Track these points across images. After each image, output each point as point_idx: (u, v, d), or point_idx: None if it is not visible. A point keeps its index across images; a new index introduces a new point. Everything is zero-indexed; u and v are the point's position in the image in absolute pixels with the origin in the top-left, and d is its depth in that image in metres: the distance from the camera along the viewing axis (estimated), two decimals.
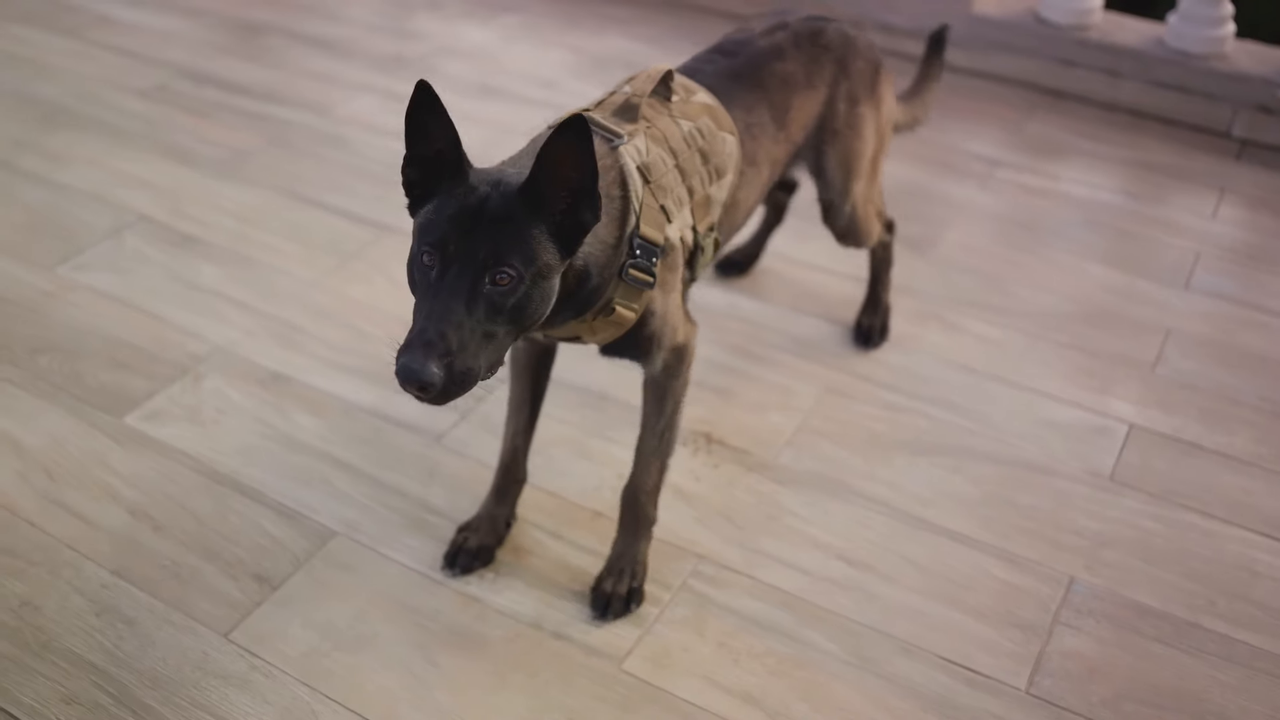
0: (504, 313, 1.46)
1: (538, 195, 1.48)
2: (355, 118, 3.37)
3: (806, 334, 2.53)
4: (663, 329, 1.75)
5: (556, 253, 1.50)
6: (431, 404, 1.47)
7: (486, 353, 1.46)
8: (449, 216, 1.47)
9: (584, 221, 1.51)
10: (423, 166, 1.53)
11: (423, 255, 1.47)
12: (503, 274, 1.44)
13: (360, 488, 2.14)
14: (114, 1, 4.13)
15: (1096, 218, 2.98)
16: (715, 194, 1.83)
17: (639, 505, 1.93)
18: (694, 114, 1.81)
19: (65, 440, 2.23)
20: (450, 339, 1.41)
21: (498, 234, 1.45)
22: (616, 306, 1.65)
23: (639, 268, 1.65)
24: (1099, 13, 3.52)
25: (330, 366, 2.42)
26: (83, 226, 2.86)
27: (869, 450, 2.24)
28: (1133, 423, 2.32)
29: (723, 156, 1.84)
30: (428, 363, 1.40)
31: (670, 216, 1.71)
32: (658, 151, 1.73)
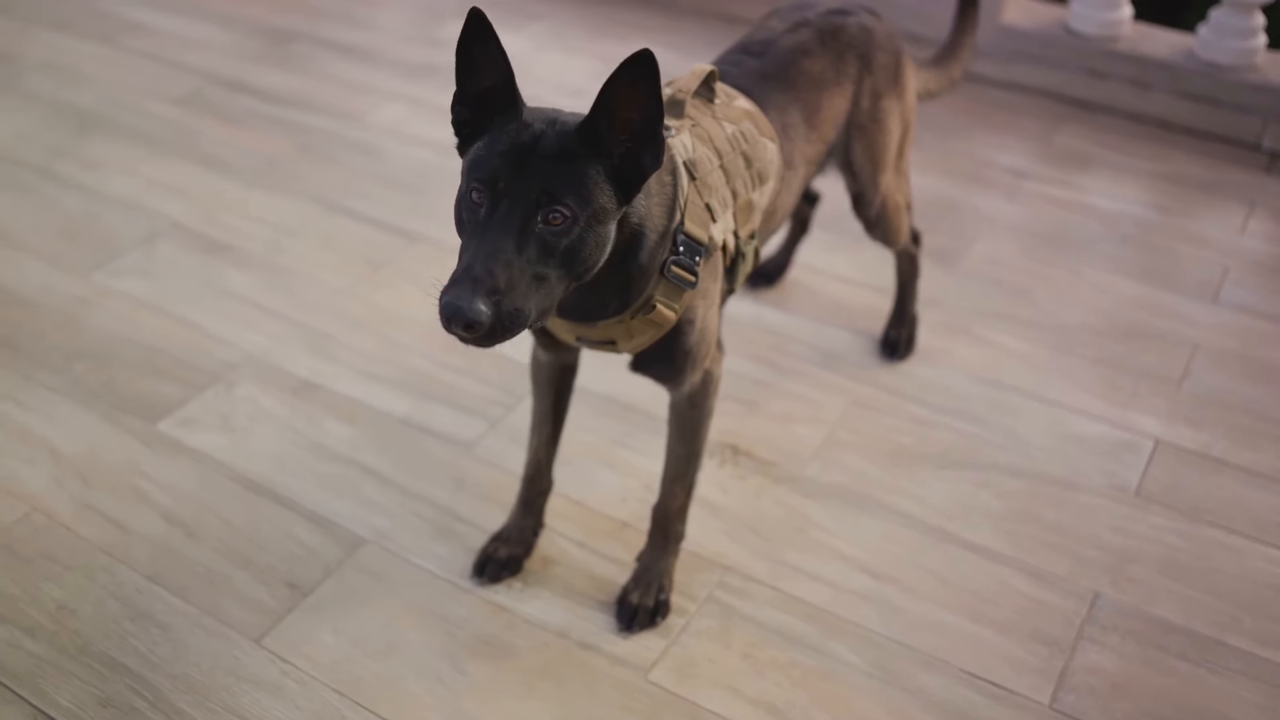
0: (556, 254, 1.38)
1: (596, 134, 1.41)
2: (385, 126, 3.40)
3: (833, 346, 2.55)
4: (699, 345, 1.72)
5: (613, 197, 1.43)
6: (476, 345, 1.37)
7: (536, 297, 1.38)
8: (500, 152, 1.40)
9: (644, 166, 1.43)
10: (473, 103, 1.46)
11: (471, 193, 1.41)
12: (555, 213, 1.38)
13: (390, 496, 2.16)
14: (146, 8, 4.18)
15: (1124, 231, 2.98)
16: (757, 200, 1.81)
17: (668, 522, 1.95)
18: (736, 118, 1.78)
19: (100, 446, 2.26)
20: (498, 276, 1.33)
21: (551, 171, 1.38)
22: (657, 304, 1.60)
23: (682, 265, 1.60)
24: (1128, 24, 3.52)
25: (360, 375, 2.45)
26: (117, 233, 2.90)
27: (895, 463, 2.25)
28: (1159, 438, 2.32)
29: (765, 162, 1.81)
30: (474, 300, 1.31)
31: (715, 216, 1.68)
32: (703, 150, 1.69)
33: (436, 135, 3.34)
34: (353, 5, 4.22)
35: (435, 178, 3.14)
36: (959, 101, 3.55)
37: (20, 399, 2.37)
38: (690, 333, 1.70)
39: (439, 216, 2.96)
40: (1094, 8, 3.48)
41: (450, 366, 2.47)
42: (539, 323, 1.43)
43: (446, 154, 3.25)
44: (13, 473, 2.19)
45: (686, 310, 1.67)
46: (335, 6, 4.21)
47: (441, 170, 3.17)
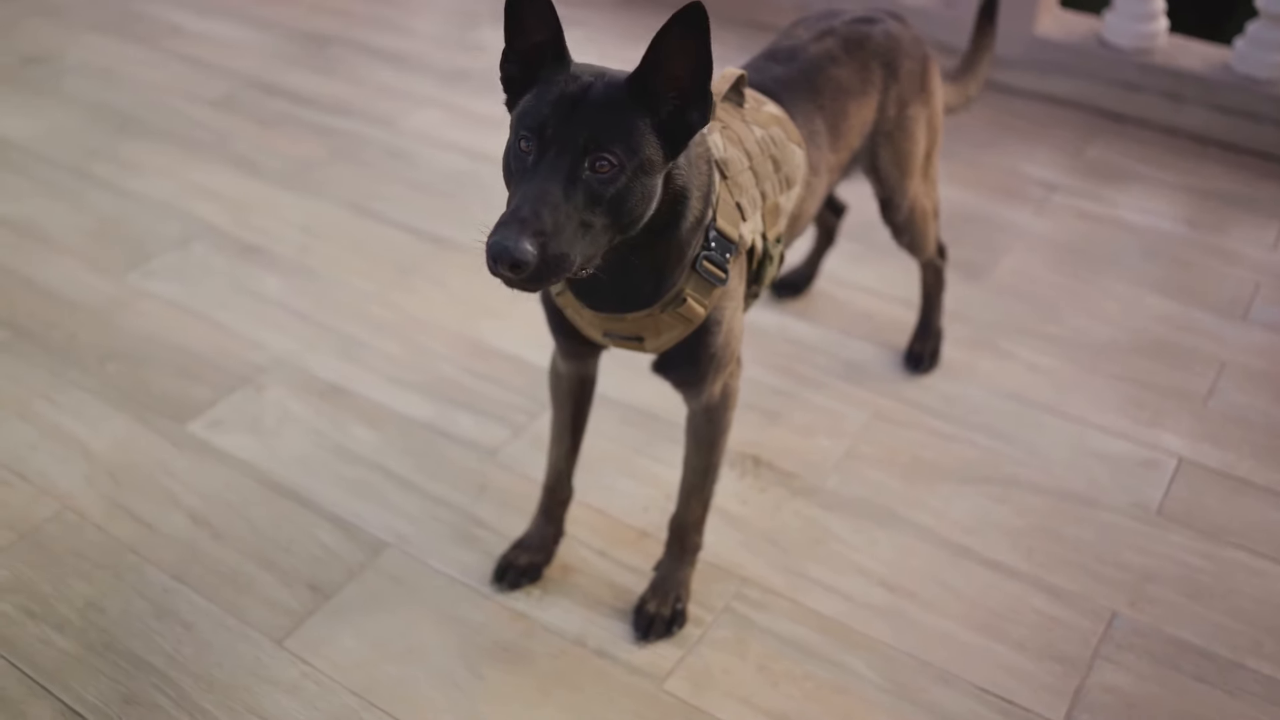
0: (603, 203, 1.39)
1: (645, 88, 1.42)
2: (418, 131, 3.43)
3: (857, 358, 2.55)
4: (724, 349, 1.73)
5: (660, 150, 1.43)
6: (521, 288, 1.37)
7: (582, 244, 1.39)
8: (549, 101, 1.41)
9: (691, 122, 1.44)
10: (522, 60, 1.48)
11: (520, 141, 1.41)
12: (603, 160, 1.38)
13: (413, 500, 2.19)
14: (185, 11, 4.24)
15: (1154, 246, 2.97)
16: (784, 204, 1.82)
17: (685, 534, 1.97)
18: (765, 122, 1.80)
19: (130, 446, 2.30)
20: (545, 219, 1.34)
21: (600, 119, 1.39)
22: (688, 297, 1.61)
23: (713, 260, 1.61)
24: (1163, 36, 3.50)
25: (387, 380, 2.47)
26: (152, 235, 2.94)
27: (915, 477, 2.25)
28: (1182, 456, 2.31)
29: (792, 166, 1.82)
30: (521, 240, 1.31)
31: (744, 215, 1.69)
32: (734, 151, 1.70)
33: (468, 141, 3.37)
34: (389, 10, 4.26)
35: (466, 183, 3.16)
36: (991, 113, 3.54)
37: (54, 398, 2.41)
38: (717, 334, 1.70)
39: (468, 222, 2.99)
40: (1128, 20, 3.46)
41: (475, 372, 2.49)
42: (584, 271, 1.43)
43: (478, 160, 3.27)
44: (46, 471, 2.23)
45: (714, 309, 1.68)
46: (371, 11, 4.25)
47: (473, 175, 3.20)
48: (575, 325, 1.75)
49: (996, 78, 3.69)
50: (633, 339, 1.69)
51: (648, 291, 1.61)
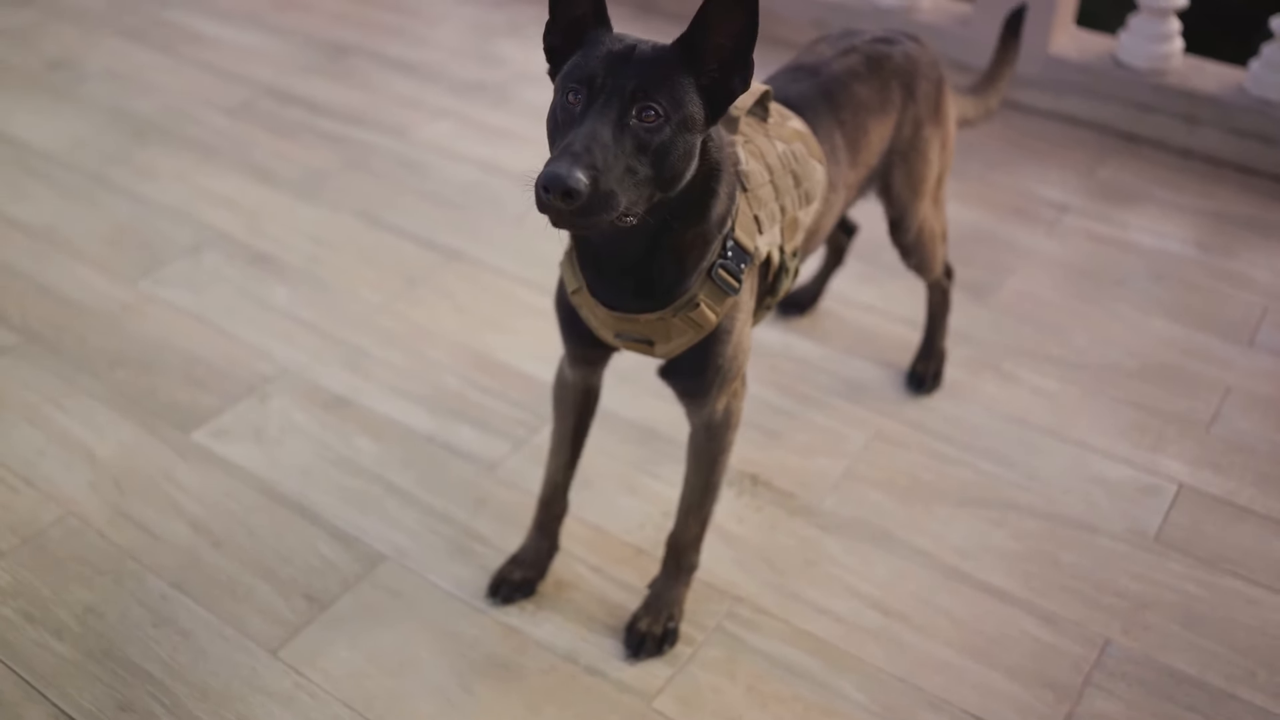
0: (648, 151, 1.43)
1: (691, 50, 1.48)
2: (432, 142, 3.45)
3: (860, 377, 2.55)
4: (731, 361, 1.74)
5: (701, 110, 1.48)
6: (569, 223, 1.39)
7: (628, 189, 1.42)
8: (598, 57, 1.46)
9: (733, 87, 1.50)
10: (564, 32, 1.54)
11: (568, 94, 1.46)
12: (649, 109, 1.42)
13: (412, 513, 2.20)
14: (207, 18, 4.28)
15: (1164, 269, 2.96)
16: (803, 218, 1.84)
17: (681, 552, 1.98)
18: (788, 137, 1.82)
19: (135, 453, 2.33)
20: (596, 155, 1.38)
21: (647, 72, 1.44)
22: (701, 303, 1.64)
23: (728, 269, 1.65)
24: (1178, 57, 3.48)
25: (392, 391, 2.49)
26: (164, 241, 2.97)
27: (913, 499, 2.25)
28: (1183, 483, 2.31)
29: (813, 182, 1.85)
30: (575, 169, 1.35)
31: (762, 228, 1.72)
32: (755, 164, 1.73)
33: (481, 152, 3.39)
34: (408, 20, 4.29)
35: (478, 195, 3.18)
36: (1004, 131, 3.54)
37: (63, 403, 2.44)
38: (727, 343, 1.72)
39: (479, 234, 3.01)
40: (1143, 40, 3.45)
41: (478, 385, 2.51)
42: (625, 219, 1.45)
43: (490, 172, 3.29)
44: (51, 476, 2.26)
45: (725, 319, 1.70)
46: (391, 21, 4.28)
47: (485, 187, 3.22)
48: (589, 326, 1.76)
49: (1011, 96, 3.69)
50: (643, 342, 1.71)
51: (664, 287, 1.63)
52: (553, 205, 1.36)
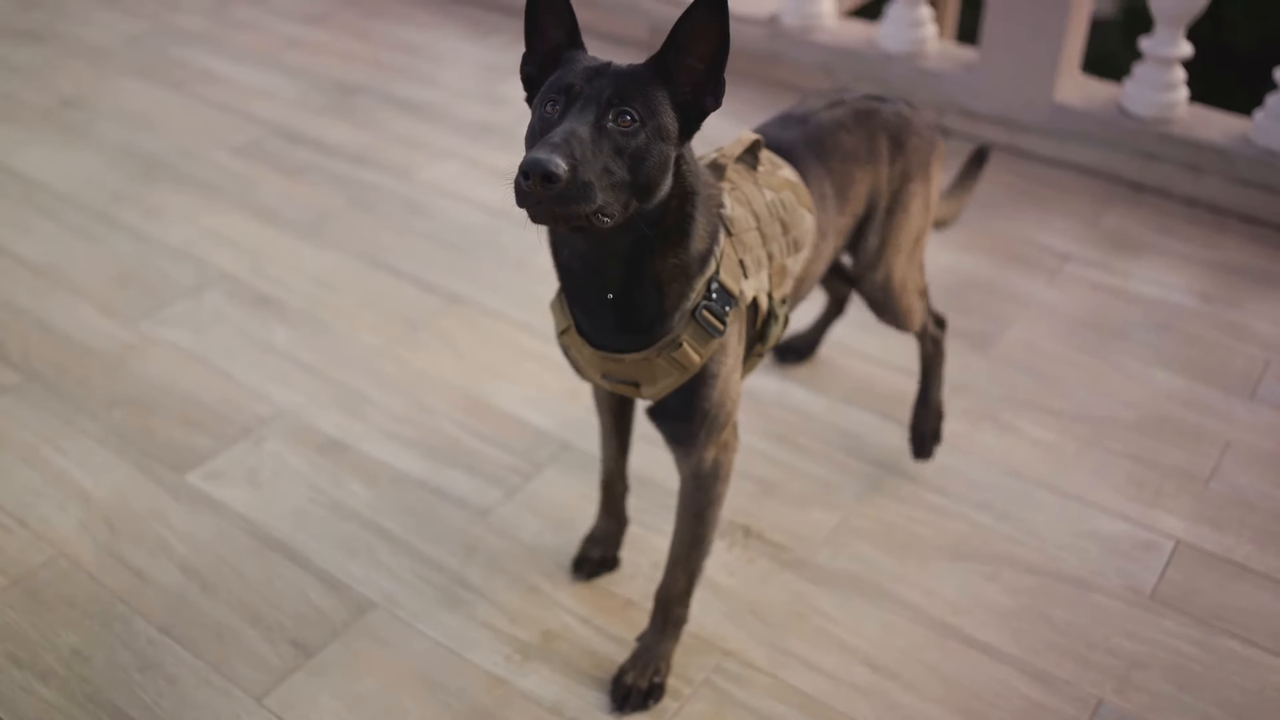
0: (624, 155, 1.47)
1: (666, 68, 1.53)
2: (437, 184, 3.47)
3: (855, 428, 2.54)
4: (718, 406, 1.75)
5: (675, 123, 1.53)
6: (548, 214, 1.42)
7: (604, 188, 1.44)
8: (576, 71, 1.52)
9: (705, 105, 1.55)
10: (540, 62, 1.60)
11: (547, 104, 1.51)
12: (625, 114, 1.47)
13: (402, 560, 2.20)
14: (219, 56, 4.32)
15: (1166, 320, 2.94)
16: (791, 266, 1.86)
17: (669, 605, 1.96)
18: (777, 186, 1.85)
19: (129, 494, 2.33)
20: (575, 148, 1.41)
21: (623, 81, 1.49)
22: (684, 343, 1.66)
23: (713, 311, 1.67)
24: (1183, 106, 3.48)
25: (387, 436, 2.49)
26: (168, 281, 2.99)
27: (907, 553, 2.24)
28: (1180, 539, 2.28)
29: (801, 231, 1.87)
30: (555, 155, 1.38)
31: (746, 272, 1.74)
32: (741, 211, 1.76)
33: (486, 195, 3.40)
34: (417, 61, 4.32)
35: (481, 238, 3.19)
36: (1008, 178, 3.54)
37: (60, 444, 2.45)
38: (713, 386, 1.72)
39: (480, 278, 3.02)
40: (1148, 89, 3.45)
41: (474, 431, 2.50)
42: (601, 219, 1.46)
43: (495, 215, 3.31)
44: (45, 516, 2.27)
45: (711, 362, 1.71)
46: (401, 61, 4.31)
47: (488, 230, 3.23)
48: (577, 362, 1.79)
49: (1015, 143, 3.69)
50: (629, 384, 1.72)
51: (646, 321, 1.65)
52: (532, 192, 1.39)
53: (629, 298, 1.63)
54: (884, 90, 3.83)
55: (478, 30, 4.60)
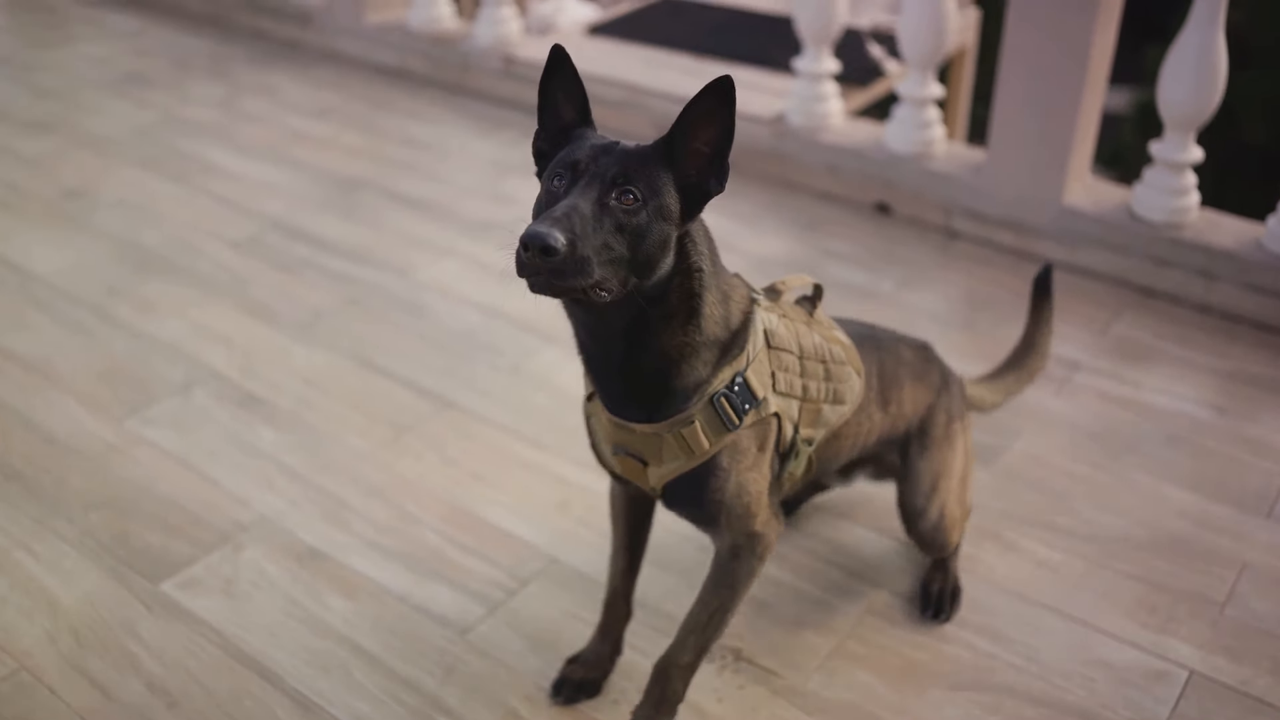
0: (625, 231, 1.50)
1: (672, 149, 1.57)
2: (435, 283, 3.43)
3: (857, 547, 2.45)
4: (736, 500, 1.74)
5: (678, 203, 1.56)
6: (545, 286, 1.47)
7: (603, 263, 1.48)
8: (584, 149, 1.57)
9: (709, 189, 1.59)
10: (552, 140, 1.66)
11: (553, 180, 1.56)
12: (628, 193, 1.50)
13: (377, 679, 2.11)
14: (224, 150, 4.33)
15: (1178, 432, 2.85)
16: (828, 413, 1.87)
17: (668, 679, 1.90)
18: (828, 337, 1.89)
19: (99, 603, 2.25)
20: (575, 224, 1.45)
21: (628, 161, 1.54)
22: (695, 421, 1.67)
23: (730, 402, 1.69)
24: (1194, 210, 3.43)
25: (369, 547, 2.41)
26: (157, 379, 2.94)
27: (904, 681, 2.13)
28: (1194, 669, 2.17)
29: (845, 386, 1.89)
30: (554, 229, 1.42)
31: (777, 386, 1.76)
32: (786, 333, 1.80)
33: (484, 295, 3.36)
34: (423, 156, 4.31)
35: (476, 340, 3.14)
36: (1015, 283, 3.48)
37: (33, 548, 2.38)
38: (724, 480, 1.72)
39: (474, 382, 2.96)
40: (1159, 193, 3.40)
41: (458, 543, 2.42)
42: (599, 293, 1.50)
43: (491, 315, 3.26)
44: (10, 625, 2.19)
45: (722, 455, 1.71)
46: (406, 156, 4.31)
47: (484, 331, 3.18)
48: (595, 440, 1.82)
49: (1023, 246, 3.64)
50: (637, 460, 1.73)
51: (655, 395, 1.67)
52: (530, 263, 1.43)
53: (636, 370, 1.65)
54: (891, 192, 3.82)
55: (485, 126, 4.60)
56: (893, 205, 3.86)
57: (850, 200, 3.94)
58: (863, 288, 3.44)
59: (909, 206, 3.83)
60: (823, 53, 3.90)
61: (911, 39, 3.68)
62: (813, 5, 3.80)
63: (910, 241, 3.73)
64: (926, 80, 3.75)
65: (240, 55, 5.40)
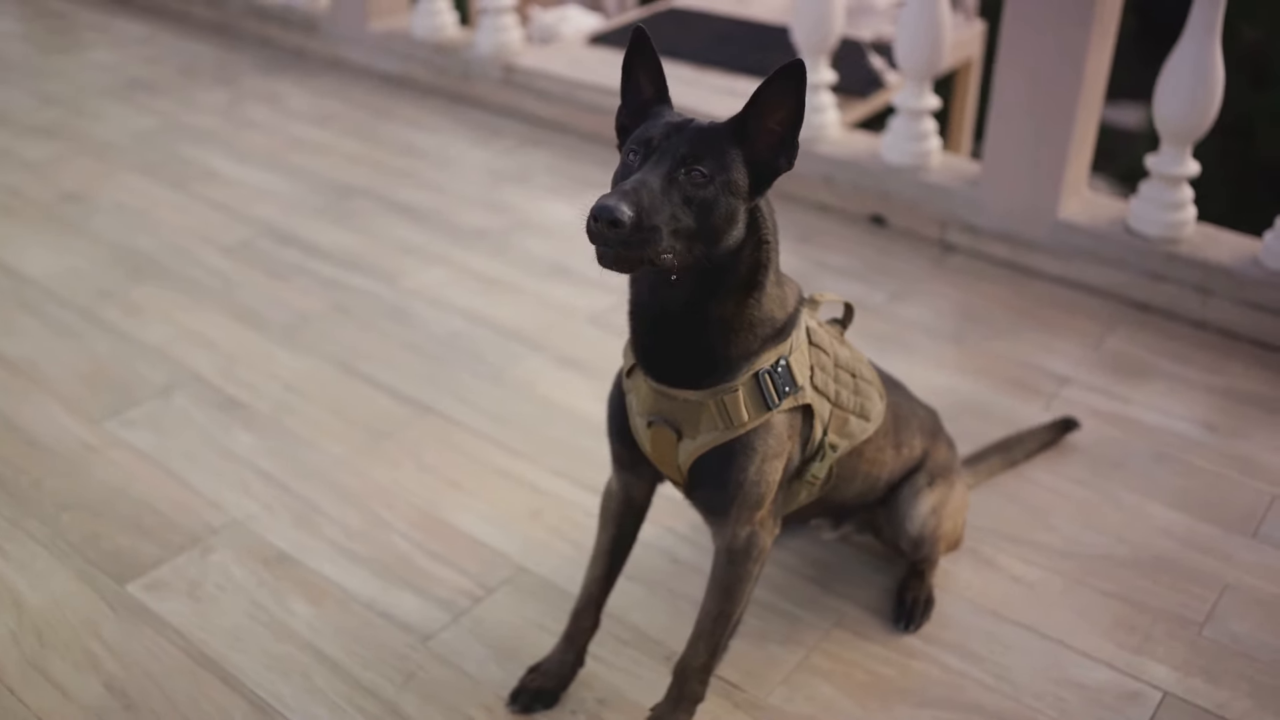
0: (693, 204, 1.56)
1: (744, 130, 1.63)
2: (422, 290, 3.42)
3: (828, 558, 2.42)
4: (753, 484, 1.78)
5: (746, 178, 1.62)
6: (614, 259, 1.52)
7: (668, 234, 1.54)
8: (658, 126, 1.63)
9: (779, 165, 1.64)
10: (633, 114, 1.72)
11: (629, 154, 1.63)
12: (696, 171, 1.56)
13: (336, 685, 2.09)
14: (224, 156, 4.34)
15: (1167, 449, 2.80)
16: (854, 426, 1.92)
17: (686, 680, 1.94)
18: (857, 356, 1.98)
19: (65, 603, 2.24)
20: (643, 197, 1.52)
21: (698, 139, 1.60)
22: (740, 389, 1.72)
23: (774, 380, 1.74)
24: (1191, 225, 3.38)
25: (338, 552, 2.40)
26: (139, 381, 2.94)
27: (869, 697, 2.10)
28: (1168, 691, 2.13)
29: (870, 402, 1.96)
30: (622, 203, 1.49)
31: (814, 381, 1.82)
32: (825, 338, 1.88)
33: (470, 302, 3.34)
34: (420, 164, 4.31)
35: (459, 347, 3.12)
36: (1009, 297, 3.44)
37: (4, 548, 2.38)
38: (752, 459, 1.76)
39: (455, 389, 2.94)
40: (1155, 207, 3.36)
41: (427, 549, 2.40)
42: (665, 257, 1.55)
43: (476, 322, 3.24)
44: None
45: (754, 435, 1.75)
46: (405, 165, 4.30)
47: (468, 338, 3.16)
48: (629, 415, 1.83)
49: (1018, 260, 3.60)
50: (673, 428, 1.76)
51: (709, 360, 1.72)
52: (600, 233, 1.50)
53: (692, 335, 1.70)
54: (886, 204, 3.79)
55: (483, 135, 4.60)
56: (888, 218, 3.83)
57: (846, 212, 3.91)
58: (854, 300, 3.38)
59: (904, 219, 3.79)
60: (819, 63, 3.88)
61: (908, 50, 3.65)
62: (810, 16, 3.78)
63: (905, 254, 3.70)
64: (923, 92, 3.72)
65: (246, 62, 5.42)
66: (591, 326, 3.23)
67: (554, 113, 4.63)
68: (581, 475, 2.61)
